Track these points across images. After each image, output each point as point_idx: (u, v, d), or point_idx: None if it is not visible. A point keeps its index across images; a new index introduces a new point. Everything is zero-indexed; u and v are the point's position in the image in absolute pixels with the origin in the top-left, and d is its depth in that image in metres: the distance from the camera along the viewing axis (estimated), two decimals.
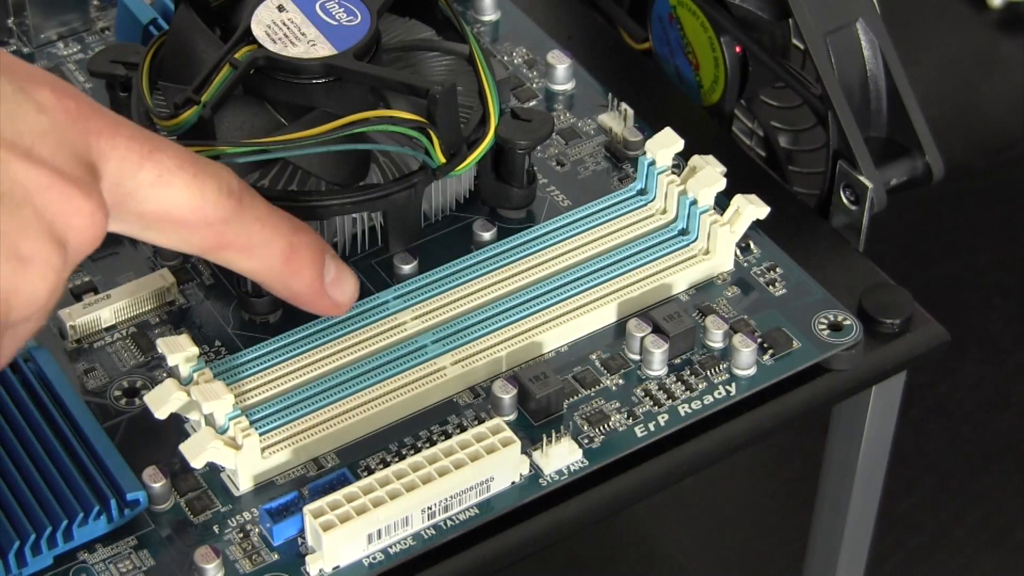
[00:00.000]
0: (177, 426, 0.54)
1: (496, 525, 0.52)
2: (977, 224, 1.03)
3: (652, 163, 0.59)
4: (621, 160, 0.63)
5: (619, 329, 0.57)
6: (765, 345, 0.57)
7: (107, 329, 0.57)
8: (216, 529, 0.52)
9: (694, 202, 0.58)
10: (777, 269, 0.60)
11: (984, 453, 0.93)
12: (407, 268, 0.59)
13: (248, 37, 0.58)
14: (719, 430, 0.55)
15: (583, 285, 0.57)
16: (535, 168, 0.62)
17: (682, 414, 0.55)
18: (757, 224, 0.59)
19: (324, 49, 0.58)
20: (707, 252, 0.59)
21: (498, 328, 0.56)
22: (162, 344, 0.53)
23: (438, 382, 0.55)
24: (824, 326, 0.57)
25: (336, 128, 0.56)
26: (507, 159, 0.60)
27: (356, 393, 0.54)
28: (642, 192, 0.60)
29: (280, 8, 0.59)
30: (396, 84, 0.58)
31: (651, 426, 0.55)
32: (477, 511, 0.52)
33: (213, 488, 0.53)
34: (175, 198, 0.49)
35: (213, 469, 0.53)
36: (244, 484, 0.53)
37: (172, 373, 0.53)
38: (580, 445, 0.54)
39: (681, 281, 0.58)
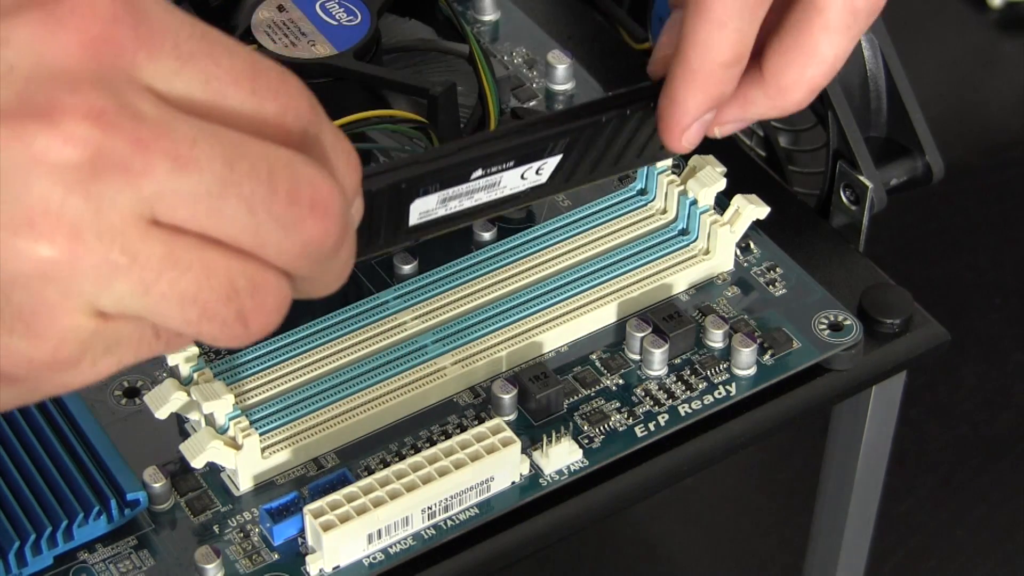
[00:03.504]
0: (177, 426, 0.54)
1: (496, 525, 0.52)
2: (977, 224, 1.03)
3: None
4: None
5: (619, 329, 0.57)
6: (765, 345, 0.57)
7: None
8: (216, 529, 0.52)
9: (694, 202, 0.58)
10: (777, 269, 0.60)
11: (984, 453, 0.93)
12: (407, 268, 0.59)
13: (248, 37, 0.58)
14: (719, 430, 0.55)
15: (583, 285, 0.57)
16: None
17: (682, 414, 0.55)
18: (757, 224, 0.59)
19: (324, 49, 0.58)
20: (707, 252, 0.58)
21: (498, 328, 0.56)
22: None
23: (438, 382, 0.55)
24: (824, 326, 0.57)
25: None
26: None
27: (356, 393, 0.54)
28: (642, 192, 0.60)
29: (280, 8, 0.59)
30: (396, 84, 0.58)
31: (651, 426, 0.55)
32: (477, 511, 0.52)
33: (213, 488, 0.53)
34: None
35: (213, 469, 0.53)
36: (244, 484, 0.53)
37: (172, 373, 0.53)
38: (580, 445, 0.54)
39: (681, 281, 0.58)
